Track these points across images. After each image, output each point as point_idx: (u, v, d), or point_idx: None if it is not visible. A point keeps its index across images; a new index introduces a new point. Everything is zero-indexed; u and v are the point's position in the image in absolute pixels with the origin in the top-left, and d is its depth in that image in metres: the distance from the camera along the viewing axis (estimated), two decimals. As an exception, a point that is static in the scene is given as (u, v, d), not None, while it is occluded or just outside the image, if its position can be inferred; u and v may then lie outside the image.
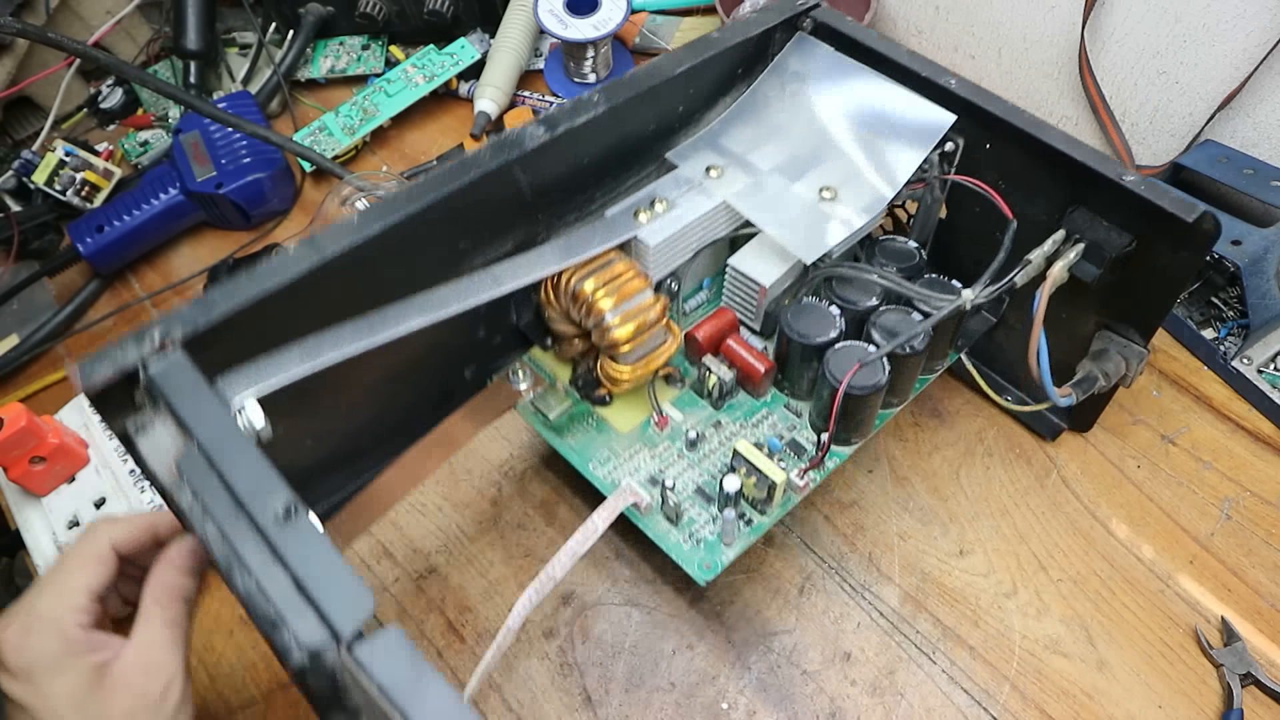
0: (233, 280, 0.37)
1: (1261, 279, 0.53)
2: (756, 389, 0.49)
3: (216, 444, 0.32)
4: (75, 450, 0.56)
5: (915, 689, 0.48)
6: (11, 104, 0.78)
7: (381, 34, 0.79)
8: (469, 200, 0.42)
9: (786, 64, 0.51)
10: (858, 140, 0.49)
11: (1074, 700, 0.47)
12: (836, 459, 0.47)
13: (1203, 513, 0.52)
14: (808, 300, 0.47)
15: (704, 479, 0.47)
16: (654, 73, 0.46)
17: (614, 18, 0.70)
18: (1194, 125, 0.61)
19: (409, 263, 0.42)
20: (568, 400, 0.50)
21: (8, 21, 0.60)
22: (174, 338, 0.35)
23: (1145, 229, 0.43)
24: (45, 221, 0.71)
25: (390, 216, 0.40)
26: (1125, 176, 0.42)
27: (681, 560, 0.44)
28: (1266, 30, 0.54)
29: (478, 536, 0.55)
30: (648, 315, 0.45)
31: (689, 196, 0.48)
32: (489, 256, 0.46)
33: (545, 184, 0.45)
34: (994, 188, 0.46)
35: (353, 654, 0.27)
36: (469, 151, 0.43)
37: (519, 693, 0.50)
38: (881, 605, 0.51)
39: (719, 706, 0.48)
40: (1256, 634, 0.48)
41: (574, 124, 0.44)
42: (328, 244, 0.38)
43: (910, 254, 0.50)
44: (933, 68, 0.47)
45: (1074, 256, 0.44)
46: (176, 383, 0.33)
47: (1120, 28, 0.61)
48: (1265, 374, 0.55)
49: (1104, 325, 0.48)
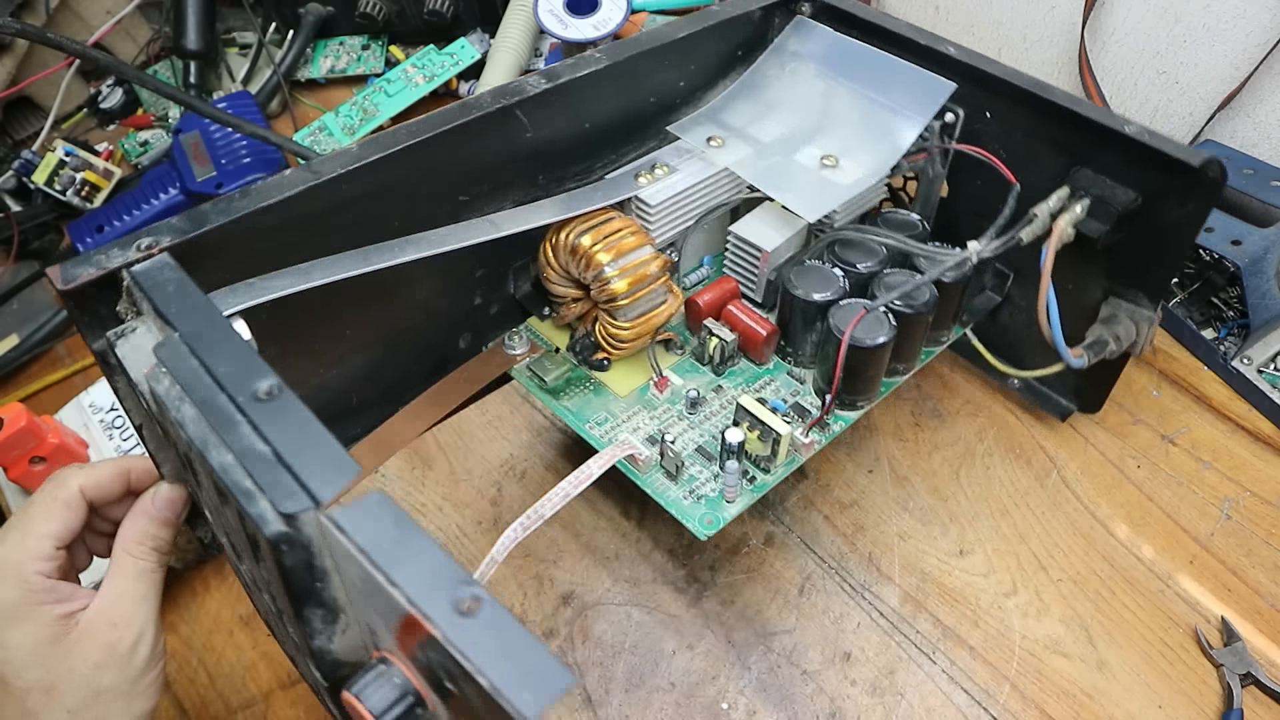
0: (225, 198, 0.36)
1: (1261, 279, 0.53)
2: (759, 354, 0.49)
3: (198, 333, 0.29)
4: (75, 450, 0.56)
5: (915, 689, 0.48)
6: (11, 104, 0.78)
7: (381, 34, 0.79)
8: (469, 147, 0.42)
9: (786, 45, 0.52)
10: (859, 112, 0.50)
11: (1074, 700, 0.47)
12: (843, 423, 0.47)
13: (1203, 513, 0.52)
14: (811, 263, 0.47)
15: (705, 439, 0.46)
16: (656, 35, 0.47)
17: (614, 18, 0.70)
18: (1194, 125, 0.61)
19: (408, 204, 0.42)
20: (565, 365, 0.49)
21: (7, 22, 0.60)
22: (161, 245, 0.33)
23: (1152, 183, 0.43)
24: (45, 221, 0.71)
25: (389, 147, 0.39)
26: (1128, 127, 0.42)
27: (681, 515, 0.43)
28: (1266, 30, 0.54)
29: (478, 536, 0.55)
30: (648, 269, 0.45)
31: (690, 163, 0.49)
32: (488, 211, 0.46)
33: (545, 146, 0.46)
34: (995, 156, 0.47)
35: (331, 518, 0.25)
36: (467, 98, 0.43)
37: (519, 693, 0.50)
38: (881, 605, 0.51)
39: (719, 706, 0.48)
40: (1256, 634, 0.48)
41: (575, 76, 0.44)
42: (324, 167, 0.38)
43: (913, 224, 0.51)
44: (932, 37, 0.48)
45: (1080, 211, 0.44)
46: (160, 279, 0.31)
47: (1120, 28, 0.61)
48: (1265, 374, 0.55)
49: (1112, 293, 0.48)
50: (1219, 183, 0.41)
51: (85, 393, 0.61)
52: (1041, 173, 0.46)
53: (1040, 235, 0.44)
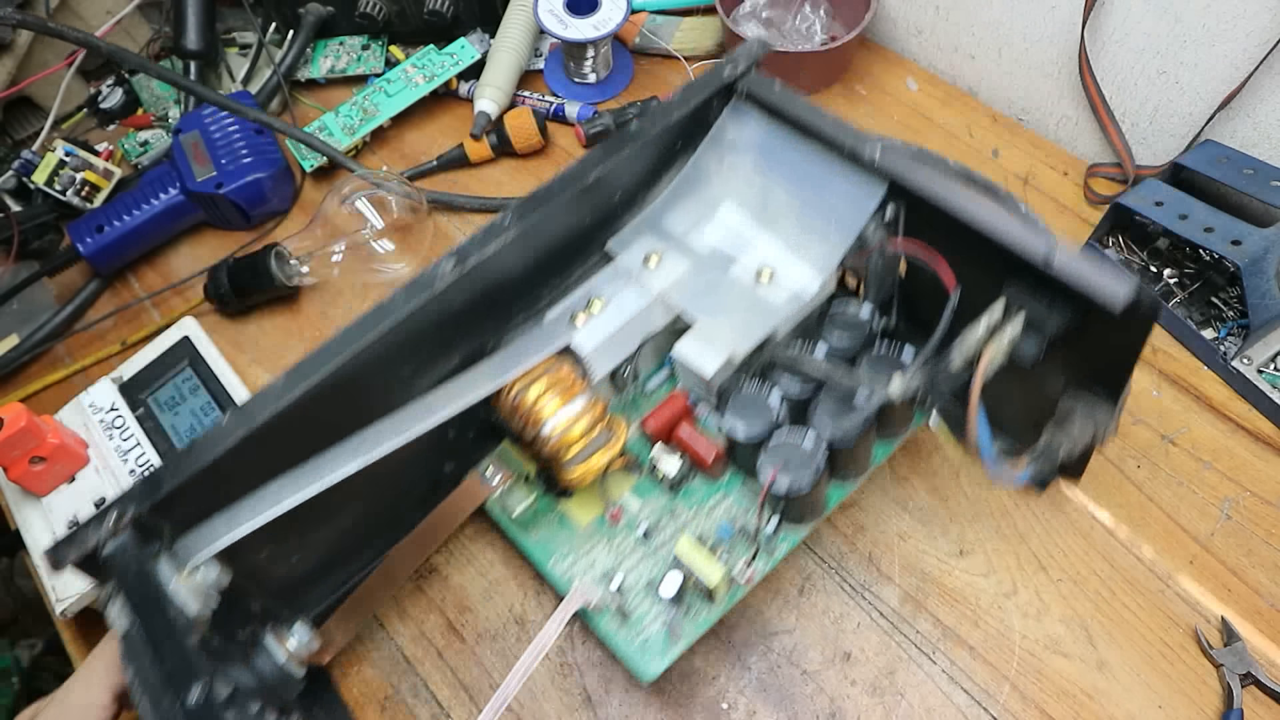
0: (174, 455, 0.40)
1: (1261, 279, 0.53)
2: (711, 473, 0.49)
3: (152, 628, 0.37)
4: (75, 450, 0.56)
5: (915, 689, 0.48)
6: (11, 104, 0.78)
7: (381, 34, 0.79)
8: (398, 337, 0.43)
9: (724, 134, 0.49)
10: (794, 215, 0.48)
11: (1074, 700, 0.47)
12: (789, 542, 0.47)
13: (1203, 513, 0.52)
14: (748, 389, 0.46)
15: (656, 571, 0.47)
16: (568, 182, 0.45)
17: (614, 18, 0.70)
18: (1194, 125, 0.61)
19: (351, 403, 0.44)
20: (532, 495, 0.50)
21: (8, 13, 0.60)
22: (127, 517, 0.39)
23: (1085, 307, 0.38)
24: (45, 221, 0.71)
25: (313, 373, 0.41)
26: (1055, 258, 0.38)
27: (629, 659, 0.45)
28: (1266, 30, 0.54)
29: (477, 536, 0.55)
30: (581, 422, 0.45)
31: (625, 293, 0.48)
32: (437, 374, 0.47)
33: (480, 299, 0.46)
34: (941, 250, 0.42)
35: None
36: (382, 301, 0.43)
37: (519, 693, 0.50)
38: (881, 605, 0.51)
39: (719, 706, 0.48)
40: (1256, 634, 0.48)
41: (483, 255, 0.43)
42: (256, 410, 0.40)
43: (860, 324, 0.48)
44: (856, 138, 0.44)
45: (1015, 331, 0.40)
46: (123, 564, 0.38)
47: (1120, 28, 0.61)
48: (1265, 374, 0.55)
49: (1071, 385, 0.43)
50: (1153, 314, 0.37)
51: (85, 393, 0.61)
52: (985, 271, 0.41)
53: (973, 358, 0.41)
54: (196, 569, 0.40)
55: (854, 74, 0.74)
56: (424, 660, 0.52)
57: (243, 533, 0.40)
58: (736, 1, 0.74)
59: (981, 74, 0.71)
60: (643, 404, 0.52)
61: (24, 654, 1.02)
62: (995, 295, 0.41)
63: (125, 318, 0.69)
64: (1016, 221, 0.39)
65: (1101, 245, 0.61)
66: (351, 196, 0.62)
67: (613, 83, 0.75)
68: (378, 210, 0.62)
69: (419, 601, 0.54)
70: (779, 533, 0.46)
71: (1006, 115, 0.70)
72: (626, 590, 0.46)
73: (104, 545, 0.39)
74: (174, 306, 0.68)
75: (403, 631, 0.53)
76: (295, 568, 0.48)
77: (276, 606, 0.49)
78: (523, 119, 0.70)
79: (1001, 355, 0.40)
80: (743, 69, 0.48)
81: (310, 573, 0.49)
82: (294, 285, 0.64)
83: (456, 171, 0.72)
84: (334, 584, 0.51)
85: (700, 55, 0.75)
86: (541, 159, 0.72)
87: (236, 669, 0.43)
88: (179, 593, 0.39)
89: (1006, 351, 0.40)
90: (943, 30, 0.71)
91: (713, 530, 0.47)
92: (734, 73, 0.48)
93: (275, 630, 0.46)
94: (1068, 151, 0.68)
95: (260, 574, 0.46)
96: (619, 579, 0.46)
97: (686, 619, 0.45)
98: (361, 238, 0.62)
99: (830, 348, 0.47)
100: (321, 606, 0.51)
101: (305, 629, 0.46)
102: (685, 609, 0.45)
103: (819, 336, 0.48)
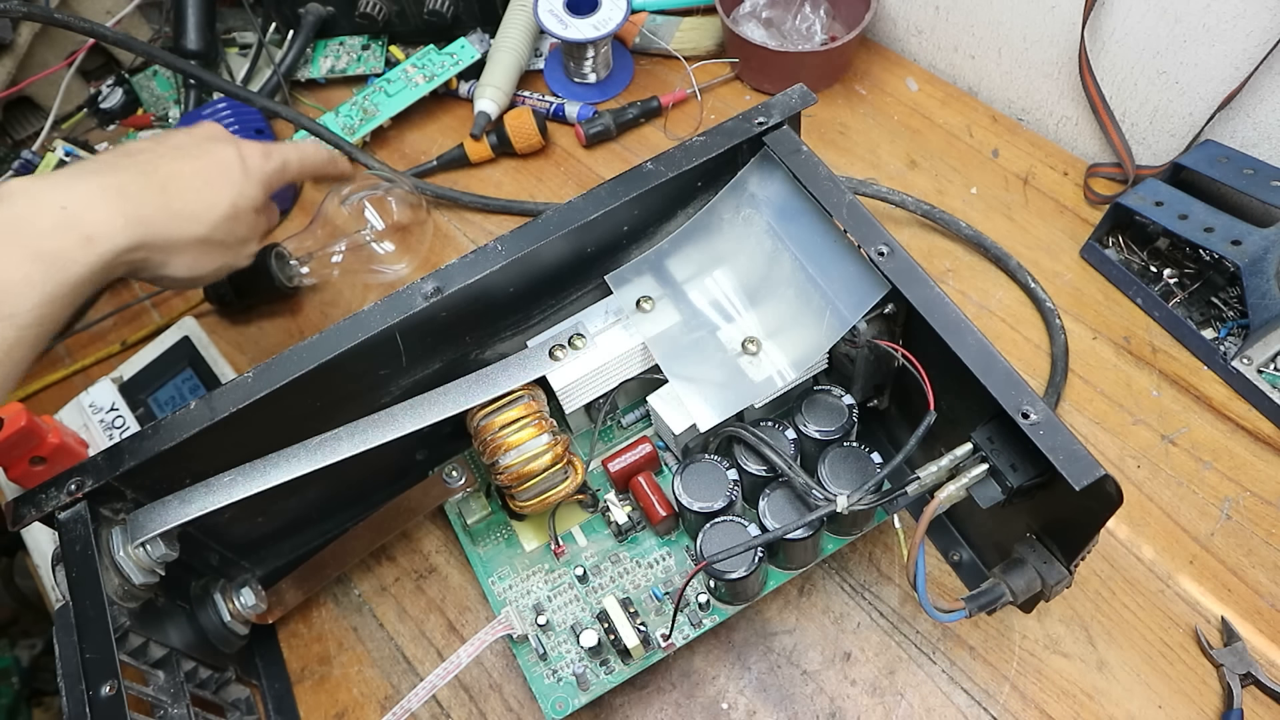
0: (139, 434, 0.42)
1: (1261, 279, 0.53)
2: (660, 529, 0.49)
3: (82, 610, 0.39)
4: (75, 450, 0.56)
5: (915, 689, 0.48)
6: (11, 104, 0.78)
7: (381, 34, 0.79)
8: (374, 344, 0.43)
9: (746, 184, 0.48)
10: (795, 289, 0.46)
11: (1074, 700, 0.47)
12: (718, 617, 0.46)
13: (1203, 513, 0.52)
14: (708, 459, 0.46)
15: (584, 614, 0.47)
16: (569, 216, 0.44)
17: (614, 18, 0.70)
18: (1194, 125, 0.61)
19: (323, 398, 0.44)
20: (487, 508, 0.51)
21: (12, 5, 0.60)
22: (85, 489, 0.41)
23: (1050, 469, 0.36)
24: (45, 221, 0.71)
25: (274, 384, 0.42)
26: (1029, 414, 0.37)
27: (539, 694, 0.45)
28: (1266, 30, 0.54)
29: (478, 536, 0.55)
30: (541, 460, 0.45)
31: (610, 334, 0.48)
32: (415, 377, 0.47)
33: (467, 315, 0.46)
34: (929, 362, 0.41)
35: None
36: (358, 313, 0.43)
37: (519, 693, 0.50)
38: (881, 605, 0.51)
39: (719, 706, 0.48)
40: (1256, 634, 0.48)
41: (468, 282, 0.43)
42: (220, 405, 0.42)
43: (841, 411, 0.46)
44: (868, 230, 0.42)
45: (976, 476, 0.39)
46: (72, 534, 0.40)
47: (1120, 28, 0.61)
48: (1265, 374, 0.55)
49: (1033, 529, 0.42)
50: (1115, 502, 0.36)
51: (85, 393, 0.61)
52: (967, 403, 0.40)
53: (930, 490, 0.40)
54: (143, 545, 0.42)
55: (854, 74, 0.74)
56: (424, 660, 0.52)
57: (193, 515, 0.42)
58: (736, 1, 0.74)
59: (981, 74, 0.71)
60: (616, 435, 0.53)
61: (24, 654, 1.02)
62: (972, 428, 0.40)
63: (125, 318, 0.69)
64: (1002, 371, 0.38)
65: (1101, 245, 0.61)
66: (352, 197, 0.62)
67: (613, 83, 0.75)
68: (378, 211, 0.62)
69: (419, 601, 0.54)
70: (708, 608, 0.46)
71: (1006, 115, 0.70)
72: (551, 628, 0.47)
73: (60, 512, 0.41)
74: (174, 307, 0.68)
75: (403, 631, 0.53)
76: (259, 528, 0.49)
77: (235, 561, 0.50)
78: (523, 119, 0.70)
79: (958, 497, 0.39)
80: (774, 122, 0.46)
81: (273, 533, 0.50)
82: (294, 286, 0.64)
83: (456, 171, 0.72)
84: (295, 545, 0.52)
85: (700, 55, 0.75)
86: (541, 159, 0.72)
87: (179, 627, 0.45)
88: (125, 562, 0.41)
89: (962, 495, 0.39)
90: (943, 30, 0.71)
91: (647, 587, 0.48)
92: (765, 123, 0.46)
93: (225, 590, 0.48)
94: (1068, 151, 0.68)
95: (222, 531, 0.47)
96: (546, 616, 0.47)
97: (600, 671, 0.45)
98: (361, 238, 0.62)
99: (800, 433, 0.46)
100: (280, 563, 0.52)
101: (252, 592, 0.48)
102: (601, 660, 0.46)
103: (796, 411, 0.47)
